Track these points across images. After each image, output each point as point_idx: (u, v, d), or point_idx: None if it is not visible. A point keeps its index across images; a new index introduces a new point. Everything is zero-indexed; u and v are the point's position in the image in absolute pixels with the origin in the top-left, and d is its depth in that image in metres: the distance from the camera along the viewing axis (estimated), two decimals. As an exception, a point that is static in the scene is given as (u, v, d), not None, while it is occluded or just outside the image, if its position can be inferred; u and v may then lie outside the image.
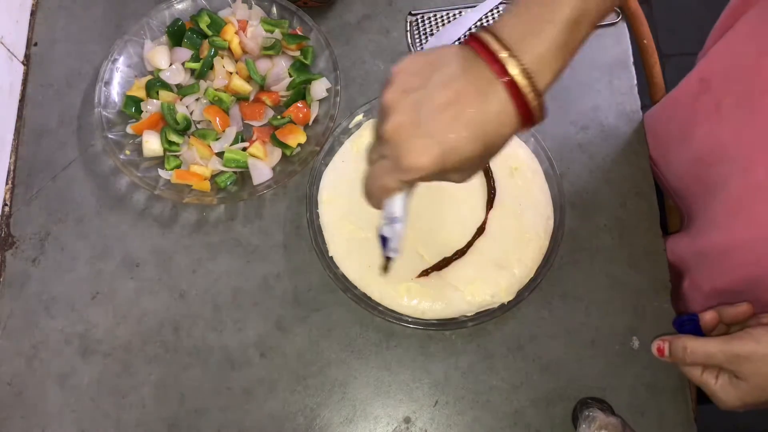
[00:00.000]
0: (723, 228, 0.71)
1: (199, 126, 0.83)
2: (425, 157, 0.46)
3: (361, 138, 0.80)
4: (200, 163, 0.80)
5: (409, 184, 0.49)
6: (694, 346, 0.59)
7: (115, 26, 0.90)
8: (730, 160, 0.69)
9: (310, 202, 0.77)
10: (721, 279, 0.73)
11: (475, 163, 0.48)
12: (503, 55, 0.45)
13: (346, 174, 0.79)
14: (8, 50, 0.86)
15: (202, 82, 0.83)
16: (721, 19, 0.76)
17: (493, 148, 0.47)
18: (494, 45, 0.45)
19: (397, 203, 0.53)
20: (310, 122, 0.82)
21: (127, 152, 0.80)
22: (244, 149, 0.80)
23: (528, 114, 0.46)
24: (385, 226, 0.56)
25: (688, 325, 0.64)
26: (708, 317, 0.63)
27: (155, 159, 0.81)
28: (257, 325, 0.76)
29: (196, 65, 0.83)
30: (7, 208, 0.82)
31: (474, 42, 0.47)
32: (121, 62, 0.84)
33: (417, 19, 0.90)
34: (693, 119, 0.75)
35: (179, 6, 0.86)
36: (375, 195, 0.52)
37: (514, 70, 0.45)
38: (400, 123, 0.46)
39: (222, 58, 0.84)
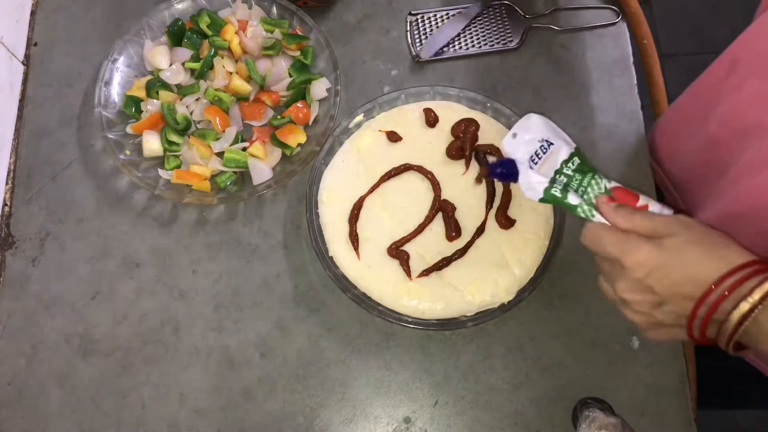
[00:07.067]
0: (730, 195, 0.70)
1: (199, 126, 0.83)
2: None
3: (361, 138, 0.80)
4: (200, 163, 0.80)
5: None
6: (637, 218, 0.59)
7: (115, 26, 0.90)
8: (744, 133, 0.68)
9: (310, 202, 0.77)
10: None
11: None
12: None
13: (346, 174, 0.79)
14: (8, 50, 0.86)
15: (202, 82, 0.83)
16: (762, 2, 0.76)
17: None
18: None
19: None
20: (310, 122, 0.82)
21: (127, 152, 0.80)
22: (244, 149, 0.80)
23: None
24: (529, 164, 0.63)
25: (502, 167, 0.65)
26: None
27: (155, 159, 0.81)
28: (257, 325, 0.76)
29: (196, 65, 0.83)
30: (7, 208, 0.82)
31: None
32: (121, 62, 0.84)
33: (417, 19, 0.90)
34: (715, 99, 0.74)
35: (179, 6, 0.86)
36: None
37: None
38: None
39: (222, 58, 0.84)
